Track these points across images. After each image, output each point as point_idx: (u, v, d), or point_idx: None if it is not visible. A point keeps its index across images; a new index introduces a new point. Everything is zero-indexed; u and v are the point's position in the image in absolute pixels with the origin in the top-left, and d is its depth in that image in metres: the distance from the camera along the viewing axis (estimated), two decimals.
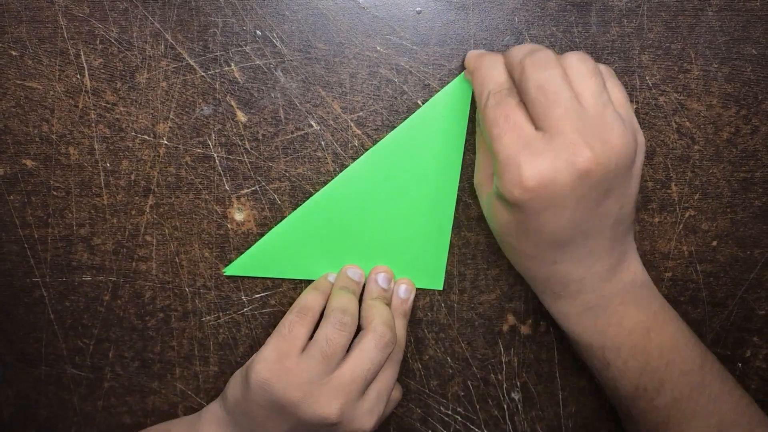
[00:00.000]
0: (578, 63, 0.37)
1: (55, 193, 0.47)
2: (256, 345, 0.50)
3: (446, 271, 0.48)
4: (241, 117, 0.46)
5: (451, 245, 0.48)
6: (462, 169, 0.46)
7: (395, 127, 0.46)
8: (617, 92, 0.38)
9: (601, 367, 0.43)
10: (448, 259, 0.48)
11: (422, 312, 0.50)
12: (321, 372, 0.41)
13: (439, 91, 0.45)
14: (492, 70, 0.38)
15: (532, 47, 0.37)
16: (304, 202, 0.47)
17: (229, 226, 0.48)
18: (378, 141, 0.46)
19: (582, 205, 0.36)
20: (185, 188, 0.47)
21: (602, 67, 0.38)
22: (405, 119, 0.45)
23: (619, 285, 0.41)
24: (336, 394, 0.41)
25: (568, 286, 0.41)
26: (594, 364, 0.43)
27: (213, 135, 0.46)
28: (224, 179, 0.47)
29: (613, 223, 0.38)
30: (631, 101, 0.46)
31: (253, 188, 0.47)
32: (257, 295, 0.49)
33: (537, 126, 0.35)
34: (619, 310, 0.41)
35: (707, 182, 0.47)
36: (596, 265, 0.40)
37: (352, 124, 0.46)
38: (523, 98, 0.36)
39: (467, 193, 0.47)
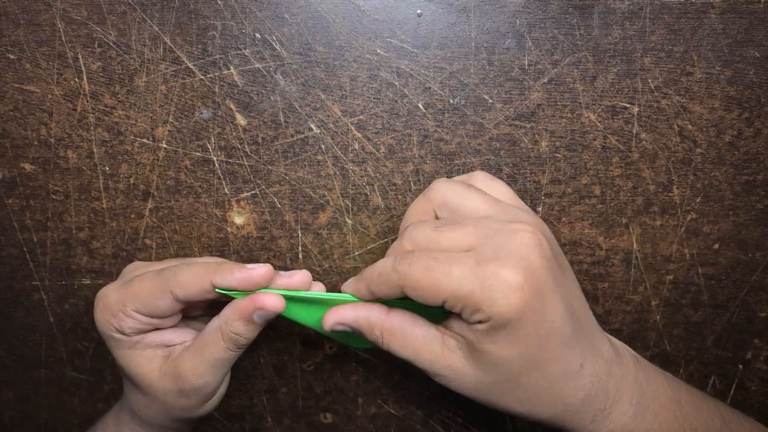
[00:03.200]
0: (445, 190, 0.37)
1: (53, 196, 0.47)
2: (254, 347, 0.50)
3: None
4: (241, 120, 0.46)
5: None
6: None
7: (396, 130, 0.45)
8: (500, 187, 0.38)
9: None
10: None
11: None
12: None
13: (439, 92, 0.45)
14: (378, 265, 0.35)
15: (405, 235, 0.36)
16: (304, 206, 0.47)
17: (228, 229, 0.47)
18: (378, 145, 0.46)
19: (559, 283, 0.34)
20: (185, 192, 0.47)
21: (477, 174, 0.39)
22: (405, 122, 0.45)
23: (631, 364, 0.38)
24: None
25: (607, 389, 0.36)
26: None
27: (212, 138, 0.46)
28: (224, 183, 0.47)
29: (582, 299, 0.37)
30: (634, 104, 0.46)
31: (252, 192, 0.47)
32: None
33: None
34: (651, 391, 0.38)
35: (709, 185, 0.47)
36: (604, 348, 0.37)
37: (353, 128, 0.46)
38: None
39: None
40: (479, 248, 0.33)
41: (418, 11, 0.44)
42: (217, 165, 0.46)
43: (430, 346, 0.35)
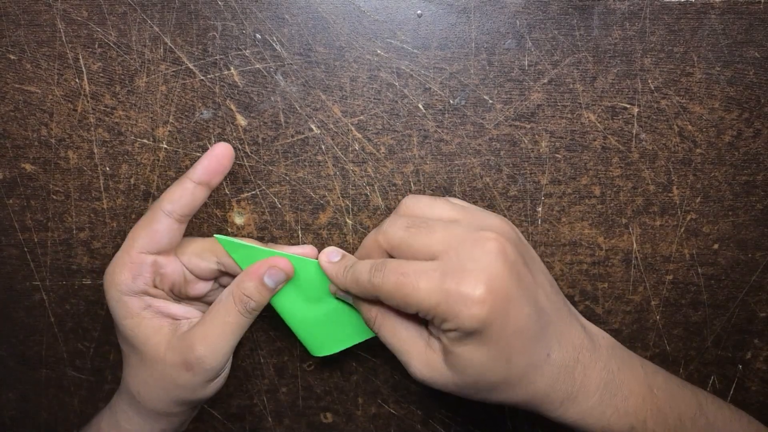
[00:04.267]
0: (415, 203, 0.40)
1: (54, 197, 0.47)
2: (256, 347, 0.50)
3: None
4: (241, 121, 0.46)
5: None
6: None
7: (396, 130, 0.45)
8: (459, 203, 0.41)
9: None
10: None
11: None
12: None
13: (439, 92, 0.45)
14: (356, 271, 0.38)
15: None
16: (304, 206, 0.47)
17: (229, 230, 0.48)
18: (378, 145, 0.46)
19: (524, 285, 0.36)
20: None
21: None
22: (405, 123, 0.45)
23: (604, 351, 0.40)
24: None
25: (573, 375, 0.38)
26: None
27: (213, 139, 0.46)
28: (224, 183, 0.47)
29: (552, 292, 0.38)
30: (633, 104, 0.46)
31: (253, 192, 0.47)
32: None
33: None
34: (622, 378, 0.39)
35: (709, 185, 0.47)
36: (574, 335, 0.39)
37: (353, 128, 0.46)
38: (403, 256, 0.37)
39: None
40: (446, 258, 0.35)
41: (418, 12, 0.44)
42: None
43: (416, 341, 0.38)
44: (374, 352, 0.50)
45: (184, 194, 0.40)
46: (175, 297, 0.44)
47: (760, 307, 0.50)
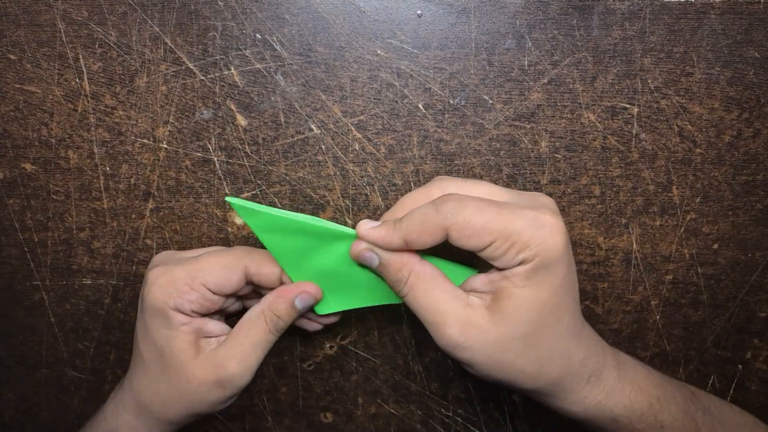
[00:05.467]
0: (449, 184, 0.38)
1: (54, 196, 0.47)
2: None
3: None
4: (241, 121, 0.46)
5: None
6: None
7: (396, 130, 0.46)
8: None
9: None
10: None
11: None
12: None
13: (439, 92, 0.45)
14: (416, 213, 0.37)
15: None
16: (304, 206, 0.47)
17: (229, 230, 0.48)
18: (378, 145, 0.46)
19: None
20: (185, 192, 0.47)
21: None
22: (405, 123, 0.45)
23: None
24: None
25: (598, 351, 0.38)
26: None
27: (213, 139, 0.46)
28: (224, 183, 0.47)
29: None
30: (633, 104, 0.46)
31: (253, 192, 0.47)
32: (257, 299, 0.49)
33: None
34: (627, 359, 0.40)
35: (709, 185, 0.47)
36: (584, 328, 0.39)
37: (353, 128, 0.46)
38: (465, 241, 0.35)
39: None
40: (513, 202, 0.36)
41: (419, 12, 0.44)
42: (217, 165, 0.46)
43: (453, 301, 0.36)
44: (374, 352, 0.50)
45: (271, 280, 0.41)
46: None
47: (760, 306, 0.50)
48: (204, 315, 0.41)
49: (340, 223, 0.47)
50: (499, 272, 0.35)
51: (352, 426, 0.52)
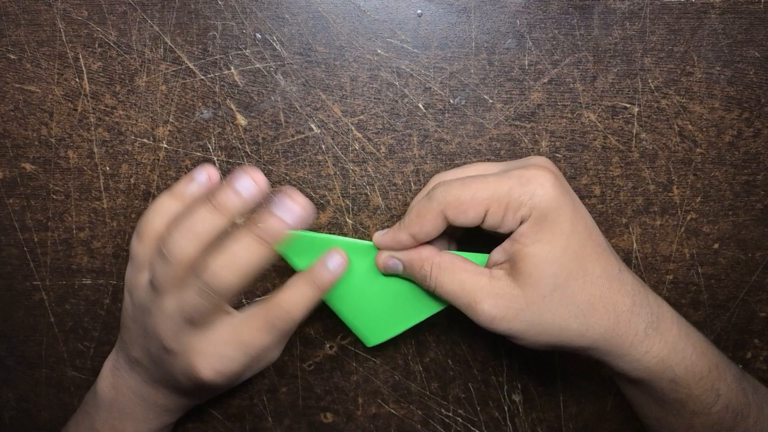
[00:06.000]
0: (437, 177, 0.42)
1: (54, 196, 0.47)
2: None
3: None
4: (241, 120, 0.46)
5: None
6: None
7: (396, 130, 0.46)
8: None
9: (711, 401, 0.38)
10: None
11: None
12: None
13: (439, 92, 0.45)
14: (412, 207, 0.38)
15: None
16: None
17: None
18: (379, 145, 0.46)
19: (578, 201, 0.38)
20: None
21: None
22: (406, 122, 0.45)
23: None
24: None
25: (648, 299, 0.37)
26: (702, 398, 0.38)
27: (213, 138, 0.46)
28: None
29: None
30: (634, 104, 0.46)
31: None
32: (257, 299, 0.49)
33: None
34: (680, 318, 0.39)
35: (709, 185, 0.47)
36: (622, 273, 0.38)
37: (353, 128, 0.46)
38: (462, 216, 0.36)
39: None
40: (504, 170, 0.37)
41: (419, 11, 0.44)
42: (217, 165, 0.46)
43: (477, 279, 0.36)
44: (374, 352, 0.50)
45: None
46: None
47: (760, 306, 0.50)
48: None
49: (340, 224, 0.47)
50: (510, 239, 0.36)
51: (352, 426, 0.52)
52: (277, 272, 0.48)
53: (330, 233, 0.46)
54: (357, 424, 0.52)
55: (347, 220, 0.47)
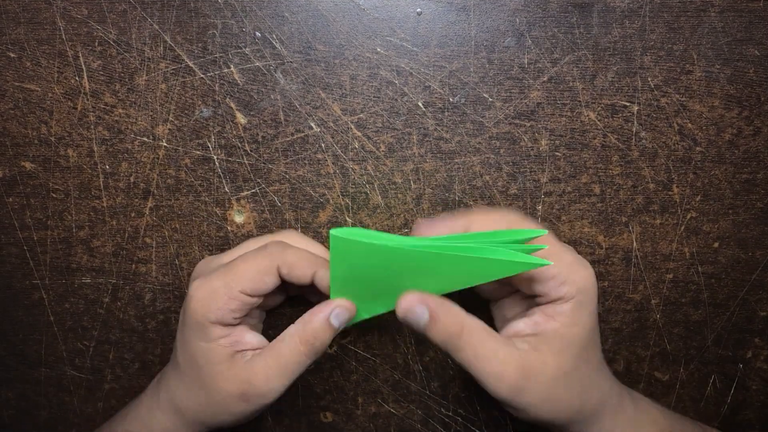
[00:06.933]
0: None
1: (54, 195, 0.47)
2: None
3: None
4: (241, 119, 0.46)
5: None
6: None
7: (396, 128, 0.46)
8: None
9: None
10: None
11: None
12: None
13: (439, 90, 0.45)
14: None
15: None
16: (304, 205, 0.47)
17: (229, 228, 0.47)
18: (378, 143, 0.46)
19: None
20: (185, 190, 0.47)
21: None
22: (405, 121, 0.45)
23: None
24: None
25: (616, 386, 0.41)
26: None
27: (212, 137, 0.46)
28: (224, 181, 0.47)
29: None
30: (633, 102, 0.46)
31: (253, 190, 0.47)
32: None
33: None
34: (641, 396, 0.43)
35: (709, 184, 0.47)
36: (603, 361, 0.41)
37: (353, 126, 0.46)
38: None
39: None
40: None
41: (418, 10, 0.44)
42: (217, 163, 0.46)
43: (508, 349, 0.37)
44: (374, 352, 0.50)
45: (302, 281, 0.40)
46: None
47: (760, 305, 0.50)
48: (246, 315, 0.41)
49: (340, 222, 0.47)
50: (544, 314, 0.37)
51: (352, 425, 0.52)
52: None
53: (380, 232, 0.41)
54: (357, 423, 0.52)
55: (347, 218, 0.47)
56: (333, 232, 0.35)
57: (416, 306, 0.37)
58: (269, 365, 0.39)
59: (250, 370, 0.39)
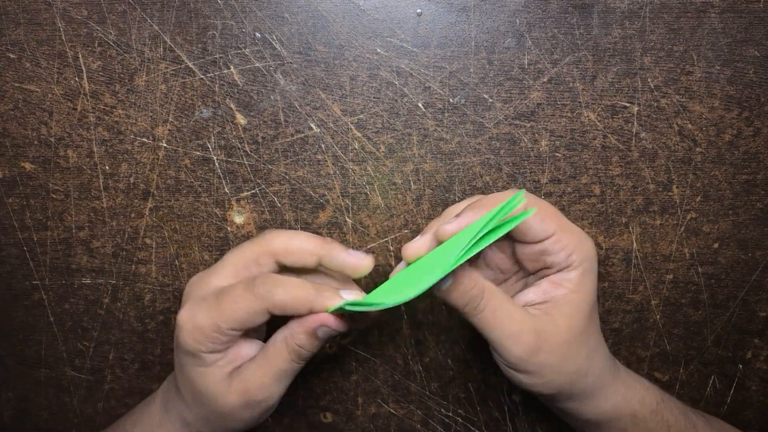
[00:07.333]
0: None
1: (54, 196, 0.47)
2: None
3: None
4: (241, 120, 0.46)
5: None
6: None
7: (396, 129, 0.46)
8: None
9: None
10: None
11: (423, 314, 0.50)
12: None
13: (439, 91, 0.45)
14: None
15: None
16: (304, 205, 0.47)
17: (228, 228, 0.47)
18: (378, 144, 0.46)
19: None
20: (185, 191, 0.47)
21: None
22: (405, 122, 0.45)
23: None
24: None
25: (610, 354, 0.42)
26: (656, 430, 0.42)
27: (212, 138, 0.46)
28: (224, 182, 0.47)
29: None
30: (633, 103, 0.46)
31: (252, 191, 0.47)
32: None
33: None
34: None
35: (709, 184, 0.47)
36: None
37: (353, 127, 0.46)
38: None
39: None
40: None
41: (418, 10, 0.44)
42: (217, 164, 0.46)
43: (523, 313, 0.38)
44: (374, 352, 0.50)
45: (298, 311, 0.38)
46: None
47: (760, 306, 0.50)
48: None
49: (340, 223, 0.47)
50: (551, 283, 0.39)
51: (352, 426, 0.52)
52: None
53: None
54: (357, 423, 0.52)
55: (347, 219, 0.47)
56: (347, 306, 0.35)
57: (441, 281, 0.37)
58: (263, 373, 0.39)
59: (247, 381, 0.39)
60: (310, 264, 0.39)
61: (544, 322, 0.38)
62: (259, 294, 0.37)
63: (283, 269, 0.40)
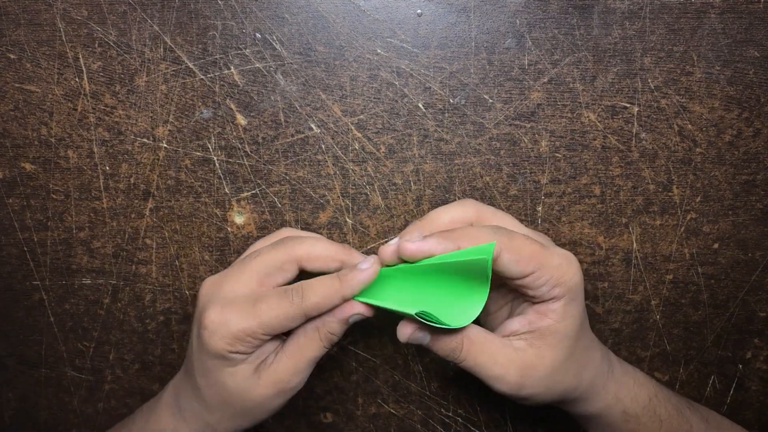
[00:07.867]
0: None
1: (54, 196, 0.47)
2: None
3: None
4: (241, 120, 0.46)
5: None
6: None
7: (396, 130, 0.46)
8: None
9: (656, 427, 0.43)
10: None
11: None
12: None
13: (439, 91, 0.45)
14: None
15: None
16: (304, 206, 0.47)
17: (229, 229, 0.47)
18: (378, 145, 0.46)
19: None
20: (185, 191, 0.47)
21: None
22: (405, 122, 0.45)
23: None
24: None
25: (606, 355, 0.43)
26: (649, 425, 0.43)
27: (213, 138, 0.46)
28: (224, 182, 0.47)
29: None
30: (633, 104, 0.46)
31: (253, 191, 0.47)
32: None
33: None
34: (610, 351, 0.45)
35: (709, 185, 0.47)
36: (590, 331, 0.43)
37: (353, 127, 0.46)
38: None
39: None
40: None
41: (419, 11, 0.44)
42: (217, 165, 0.46)
43: (506, 350, 0.39)
44: (374, 352, 0.50)
45: (333, 304, 0.39)
46: None
47: (760, 306, 0.50)
48: None
49: (340, 223, 0.47)
50: (536, 313, 0.39)
51: (352, 426, 0.52)
52: None
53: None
54: (357, 423, 0.52)
55: (347, 219, 0.47)
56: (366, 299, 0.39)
57: (416, 332, 0.39)
58: (297, 361, 0.41)
59: (279, 370, 0.41)
60: (332, 269, 0.40)
61: (530, 356, 0.39)
62: (295, 302, 0.39)
63: (304, 273, 0.41)
